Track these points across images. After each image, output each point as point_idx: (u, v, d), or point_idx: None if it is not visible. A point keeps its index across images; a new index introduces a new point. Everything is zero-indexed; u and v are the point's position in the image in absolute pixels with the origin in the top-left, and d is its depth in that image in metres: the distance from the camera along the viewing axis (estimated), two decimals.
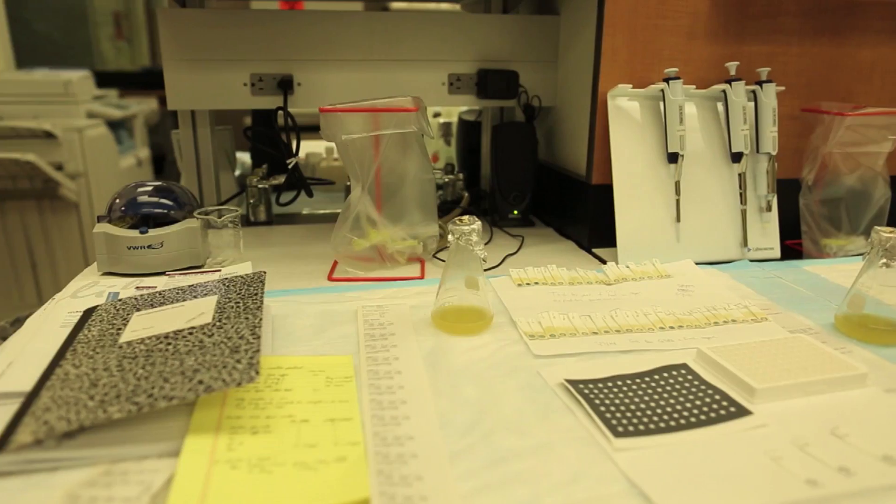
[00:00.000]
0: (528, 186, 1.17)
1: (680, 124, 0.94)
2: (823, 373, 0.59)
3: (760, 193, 0.99)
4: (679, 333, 0.70)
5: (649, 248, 0.94)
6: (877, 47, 1.09)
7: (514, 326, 0.72)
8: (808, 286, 0.87)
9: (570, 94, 1.14)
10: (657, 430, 0.52)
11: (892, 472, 0.47)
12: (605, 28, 0.97)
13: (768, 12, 1.03)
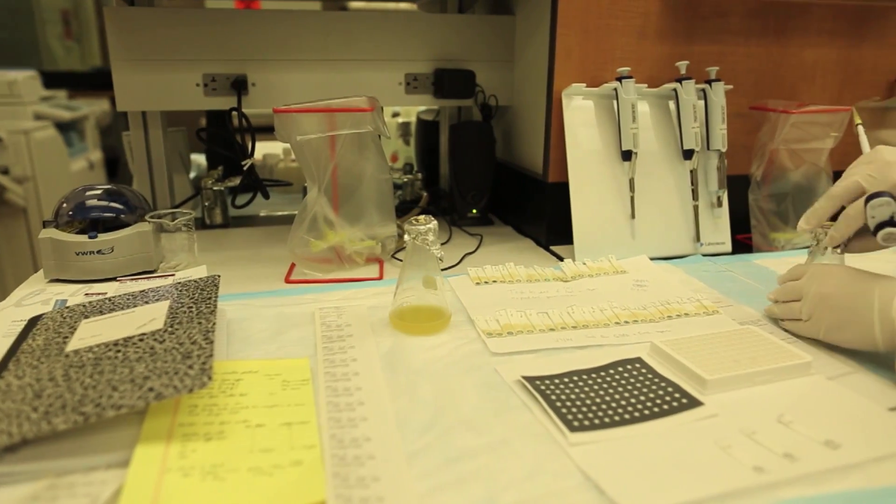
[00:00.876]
0: (486, 185, 1.18)
1: (633, 122, 0.95)
2: (770, 363, 0.61)
3: (711, 189, 1.02)
4: (634, 328, 0.72)
5: (605, 245, 0.96)
6: (818, 48, 1.12)
7: (473, 325, 0.72)
8: (757, 279, 0.90)
9: (526, 93, 1.15)
10: (612, 423, 0.53)
11: (833, 456, 0.49)
12: (558, 28, 0.98)
13: (716, 13, 1.05)
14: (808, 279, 0.68)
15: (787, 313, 0.70)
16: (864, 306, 0.61)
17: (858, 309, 0.61)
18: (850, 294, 0.63)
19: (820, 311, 0.65)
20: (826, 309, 0.65)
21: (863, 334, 0.61)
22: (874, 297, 0.60)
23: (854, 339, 0.63)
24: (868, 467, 0.48)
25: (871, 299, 0.60)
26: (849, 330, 0.63)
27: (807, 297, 0.66)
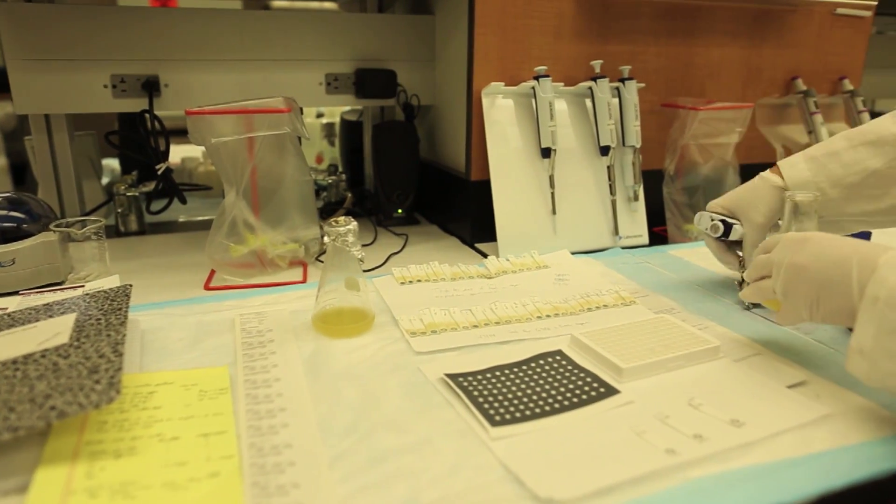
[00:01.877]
0: (410, 185, 1.18)
1: (551, 120, 0.98)
2: (682, 349, 0.63)
3: (628, 184, 1.05)
4: (555, 321, 0.73)
5: (528, 241, 0.97)
6: (723, 47, 1.18)
7: (397, 325, 0.72)
8: (672, 269, 0.93)
9: (447, 92, 1.15)
10: (532, 416, 0.54)
11: (738, 434, 0.51)
12: (476, 28, 0.99)
13: (627, 14, 1.09)
14: (779, 249, 0.60)
15: (759, 295, 0.63)
16: (842, 277, 0.53)
17: (836, 281, 0.54)
18: (827, 265, 0.55)
19: (794, 285, 0.57)
20: (801, 282, 0.57)
21: (841, 308, 0.54)
22: (853, 266, 0.53)
23: (833, 314, 0.55)
24: (768, 442, 0.51)
25: (850, 269, 0.53)
26: (827, 304, 0.55)
27: (779, 269, 0.59)
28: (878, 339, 0.49)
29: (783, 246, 0.60)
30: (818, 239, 0.57)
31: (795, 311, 0.58)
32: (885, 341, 0.48)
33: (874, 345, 0.49)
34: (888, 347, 0.48)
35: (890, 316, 0.48)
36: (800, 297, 0.57)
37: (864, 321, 0.50)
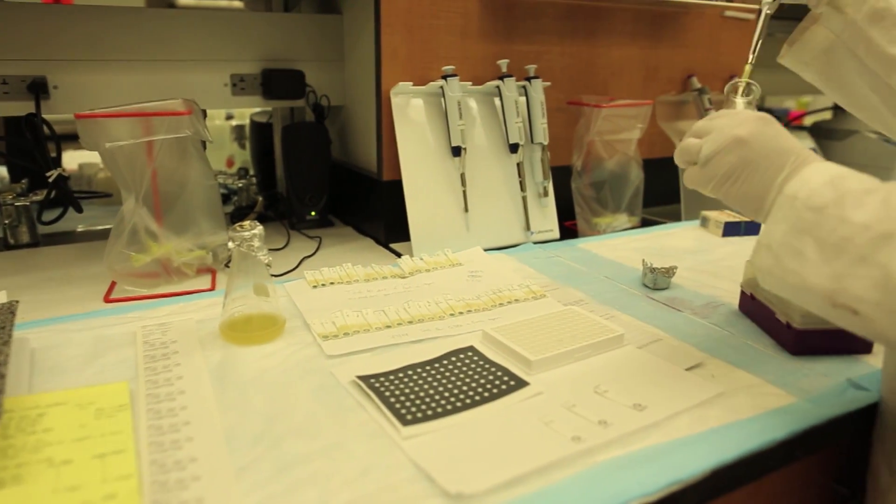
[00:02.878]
0: (323, 186, 1.16)
1: (460, 119, 0.99)
2: (588, 339, 0.66)
3: (537, 180, 1.08)
4: (468, 318, 0.74)
5: (441, 239, 0.98)
6: (623, 47, 1.23)
7: (308, 329, 0.71)
8: (581, 262, 0.96)
9: (356, 92, 1.15)
10: (444, 412, 0.54)
11: (640, 417, 0.54)
12: (382, 27, 0.99)
13: (531, 14, 1.11)
14: (727, 117, 0.56)
15: (681, 155, 0.59)
16: (775, 166, 0.52)
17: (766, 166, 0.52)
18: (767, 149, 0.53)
19: (725, 153, 0.54)
20: (732, 153, 0.53)
21: (756, 195, 0.53)
22: (789, 161, 0.52)
23: (743, 197, 0.54)
24: (667, 424, 0.53)
25: (786, 162, 0.52)
26: (746, 184, 0.53)
27: (718, 133, 0.55)
28: (788, 236, 0.49)
29: (733, 115, 0.56)
30: (770, 123, 0.54)
31: (709, 178, 0.55)
32: (793, 239, 0.48)
33: (782, 241, 0.49)
34: (795, 246, 0.48)
35: (805, 216, 0.48)
36: (722, 167, 0.54)
37: (777, 217, 0.50)
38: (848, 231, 0.45)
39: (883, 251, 0.43)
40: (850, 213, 0.45)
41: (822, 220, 0.47)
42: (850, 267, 0.45)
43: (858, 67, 0.69)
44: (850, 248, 0.45)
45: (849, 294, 0.45)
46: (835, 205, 0.46)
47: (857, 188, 0.47)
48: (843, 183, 0.47)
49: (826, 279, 0.46)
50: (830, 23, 0.68)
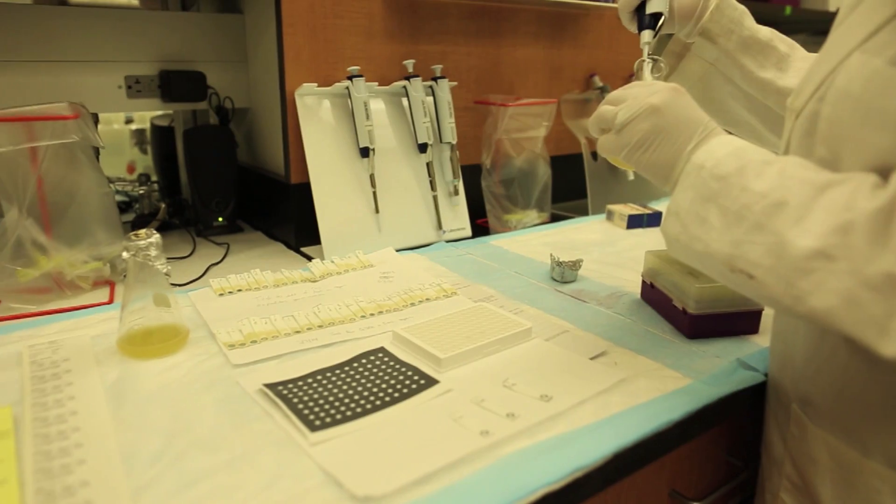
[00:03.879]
0: (230, 191, 1.13)
1: (367, 120, 0.98)
2: (497, 333, 0.67)
3: (448, 179, 1.09)
4: (379, 319, 0.74)
5: (353, 241, 0.97)
6: (527, 47, 1.26)
7: (214, 339, 0.69)
8: (493, 258, 0.98)
9: (261, 94, 1.12)
10: (353, 416, 0.54)
11: (546, 408, 0.55)
12: (284, 27, 0.97)
13: (436, 15, 1.12)
14: (639, 85, 0.57)
15: (596, 122, 0.59)
16: (685, 135, 0.53)
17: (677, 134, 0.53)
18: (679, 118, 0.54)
19: (639, 120, 0.54)
20: (646, 120, 0.54)
21: (666, 161, 0.54)
22: (698, 131, 0.53)
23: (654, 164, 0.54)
24: (571, 413, 0.55)
25: (695, 132, 0.53)
26: (658, 151, 0.54)
27: (633, 100, 0.55)
28: (694, 204, 0.50)
29: (648, 85, 0.57)
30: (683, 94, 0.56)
31: (622, 145, 0.56)
32: (699, 207, 0.50)
33: (689, 208, 0.51)
34: (700, 213, 0.50)
35: (710, 184, 0.49)
36: (636, 134, 0.54)
37: (685, 185, 0.51)
38: (747, 199, 0.47)
39: (776, 218, 0.45)
40: (751, 182, 0.47)
41: (725, 189, 0.48)
42: (748, 234, 0.46)
43: (734, 91, 0.75)
44: (748, 215, 0.46)
45: (745, 259, 0.46)
46: (737, 174, 0.48)
47: (757, 159, 0.49)
48: (745, 154, 0.49)
49: (726, 245, 0.48)
50: (704, 52, 0.73)
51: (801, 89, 0.54)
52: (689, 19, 0.72)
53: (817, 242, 0.42)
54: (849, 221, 0.41)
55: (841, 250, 0.41)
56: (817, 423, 0.55)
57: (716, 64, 0.74)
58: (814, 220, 0.43)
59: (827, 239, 0.42)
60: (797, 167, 0.47)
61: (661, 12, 0.70)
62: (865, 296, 0.40)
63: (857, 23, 0.48)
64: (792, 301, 0.44)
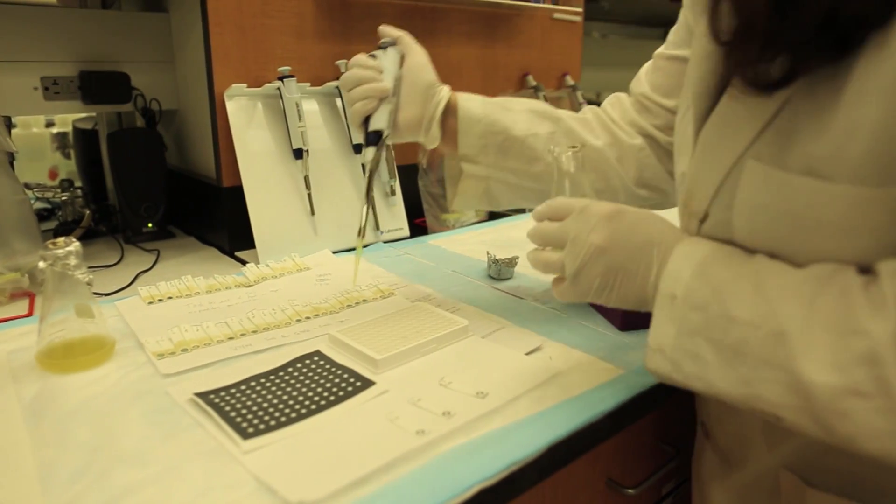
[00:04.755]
0: (160, 196, 1.09)
1: (300, 121, 0.97)
2: (434, 332, 0.67)
3: (384, 180, 1.09)
4: (315, 322, 0.73)
5: (288, 244, 0.96)
6: (461, 47, 1.27)
7: (142, 349, 0.66)
8: (430, 258, 0.98)
9: (190, 95, 1.09)
10: (288, 421, 0.53)
11: (482, 404, 0.56)
12: (211, 27, 0.95)
13: (369, 14, 1.12)
14: (577, 221, 0.52)
15: (542, 268, 0.55)
16: (643, 266, 0.50)
17: (634, 270, 0.50)
18: (629, 250, 0.51)
19: (590, 267, 0.51)
20: (598, 265, 0.51)
21: (635, 296, 0.51)
22: (654, 256, 0.50)
23: (623, 300, 0.52)
24: (507, 408, 0.56)
25: (651, 259, 0.50)
26: (622, 290, 0.51)
27: (575, 246, 0.52)
28: (680, 339, 0.47)
29: (583, 219, 0.52)
30: (621, 216, 0.52)
31: (583, 293, 0.53)
32: (686, 343, 0.46)
33: (676, 345, 0.47)
34: (690, 349, 0.46)
35: (691, 317, 0.46)
36: (593, 280, 0.51)
37: (662, 319, 0.48)
38: (739, 332, 0.43)
39: (781, 351, 0.41)
40: (734, 310, 0.44)
41: (709, 321, 0.45)
42: (756, 370, 0.42)
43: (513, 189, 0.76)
44: (747, 350, 0.43)
45: (765, 400, 0.42)
46: (716, 301, 0.45)
47: (726, 276, 0.45)
48: (712, 272, 0.46)
49: (735, 384, 0.44)
50: (474, 171, 0.75)
51: (694, 192, 0.52)
52: (417, 128, 0.73)
53: (841, 378, 0.38)
54: (870, 350, 0.37)
55: (874, 385, 0.37)
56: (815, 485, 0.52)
57: (489, 178, 0.75)
58: (823, 349, 0.39)
59: (852, 373, 0.38)
60: (768, 274, 0.44)
61: (381, 129, 0.71)
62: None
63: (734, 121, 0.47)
64: (841, 442, 0.39)
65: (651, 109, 0.75)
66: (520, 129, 0.73)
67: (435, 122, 0.72)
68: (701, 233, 0.52)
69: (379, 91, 0.70)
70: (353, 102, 0.71)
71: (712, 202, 0.50)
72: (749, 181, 0.46)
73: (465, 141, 0.73)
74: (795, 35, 0.40)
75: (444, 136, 0.74)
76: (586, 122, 0.76)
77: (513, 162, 0.73)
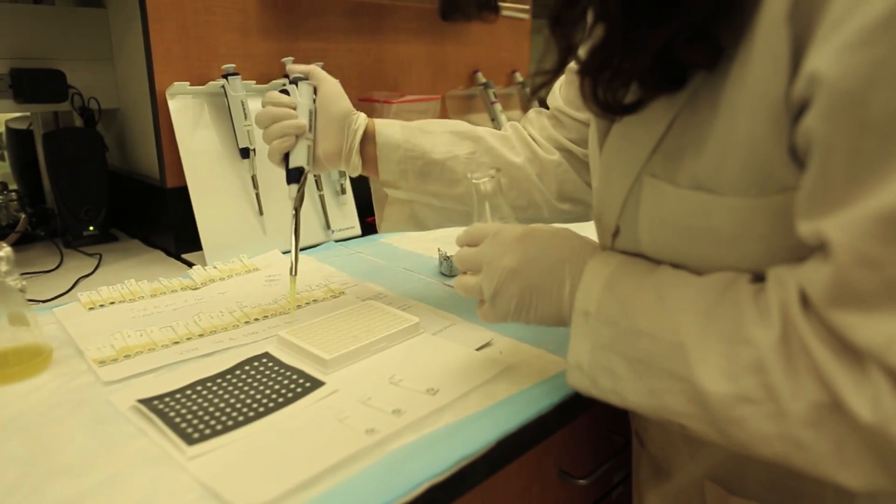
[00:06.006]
0: (101, 198, 1.05)
1: (246, 120, 0.95)
2: (385, 331, 0.67)
3: (334, 178, 1.08)
4: (264, 324, 0.72)
5: (236, 245, 0.94)
6: (409, 44, 1.26)
7: (82, 356, 0.64)
8: (382, 256, 0.98)
9: (130, 94, 1.06)
10: (235, 425, 0.52)
11: (432, 401, 0.56)
12: (151, 23, 0.92)
13: (315, 12, 1.10)
14: (489, 246, 0.54)
15: (464, 292, 0.57)
16: (555, 285, 0.51)
17: (547, 289, 0.52)
18: (541, 270, 0.52)
19: (505, 288, 0.52)
20: (512, 286, 0.52)
21: (553, 314, 0.52)
22: (566, 274, 0.51)
23: (543, 318, 0.53)
24: (457, 404, 0.56)
25: (563, 277, 0.51)
26: (539, 309, 0.53)
27: (489, 270, 0.53)
28: (594, 355, 0.48)
29: (496, 243, 0.54)
30: (532, 238, 0.53)
31: (503, 315, 0.54)
32: (600, 358, 0.48)
33: (591, 360, 0.48)
34: (604, 364, 0.47)
35: (602, 332, 0.47)
36: (510, 300, 0.53)
37: (578, 336, 0.49)
38: (644, 344, 0.44)
39: (680, 361, 0.42)
40: (640, 323, 0.45)
41: (619, 336, 0.46)
42: (661, 381, 0.44)
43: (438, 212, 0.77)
44: (652, 361, 0.44)
45: (670, 410, 0.44)
46: (623, 315, 0.46)
47: (632, 288, 0.47)
48: (619, 285, 0.48)
49: (645, 396, 0.45)
50: (398, 195, 0.76)
51: (603, 209, 0.54)
52: (337, 159, 0.73)
53: (733, 387, 0.40)
54: (756, 359, 0.39)
55: (761, 391, 0.38)
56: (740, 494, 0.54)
57: (413, 202, 0.76)
58: (716, 359, 0.41)
59: (742, 381, 0.39)
60: (670, 285, 0.45)
61: (301, 167, 0.72)
62: (806, 435, 0.37)
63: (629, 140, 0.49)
64: (740, 448, 0.41)
65: (565, 123, 0.76)
66: (439, 153, 0.73)
67: (354, 151, 0.72)
68: (615, 246, 0.53)
69: (295, 128, 0.70)
70: (270, 140, 0.71)
71: (620, 217, 0.51)
72: (648, 197, 0.48)
73: (384, 167, 0.73)
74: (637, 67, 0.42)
75: (364, 164, 0.74)
76: (506, 140, 0.76)
77: (434, 185, 0.74)
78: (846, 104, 0.34)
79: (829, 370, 0.36)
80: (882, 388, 0.34)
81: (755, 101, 0.39)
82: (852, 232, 0.35)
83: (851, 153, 0.34)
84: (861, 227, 0.34)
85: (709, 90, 0.42)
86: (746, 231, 0.42)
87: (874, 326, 0.35)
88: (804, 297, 0.38)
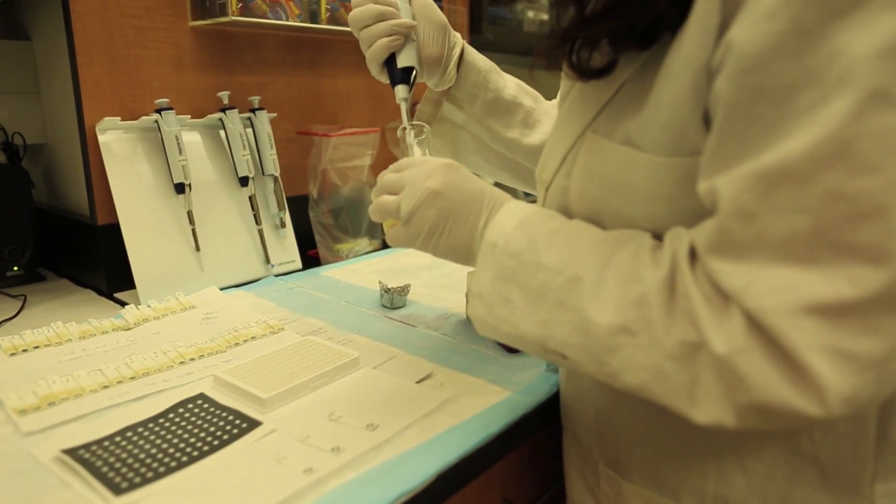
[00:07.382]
0: (26, 237, 1.01)
1: (180, 154, 0.93)
2: (324, 367, 0.66)
3: (273, 212, 1.07)
4: (199, 364, 0.70)
5: (172, 283, 0.92)
6: (349, 77, 1.28)
7: (2, 406, 0.61)
8: (323, 290, 0.97)
9: (59, 129, 1.02)
10: (167, 471, 0.50)
11: (372, 437, 0.55)
12: (79, 57, 0.90)
13: (251, 46, 1.10)
14: (413, 168, 0.55)
15: (379, 213, 0.56)
16: (473, 213, 0.52)
17: (465, 215, 0.52)
18: (462, 197, 0.53)
19: (425, 208, 0.53)
20: (431, 207, 0.53)
21: (463, 244, 0.53)
22: (484, 205, 0.53)
23: (452, 248, 0.54)
24: (397, 438, 0.56)
25: (481, 207, 0.53)
26: (452, 236, 0.53)
27: (411, 189, 0.53)
28: (495, 284, 0.49)
29: (422, 167, 0.54)
30: (458, 168, 0.54)
31: (414, 235, 0.54)
32: (500, 287, 0.49)
33: (491, 289, 0.49)
34: (503, 293, 0.49)
35: (507, 263, 0.48)
36: (425, 221, 0.53)
37: (483, 266, 0.50)
38: (544, 276, 0.46)
39: (574, 294, 0.44)
40: (543, 257, 0.47)
41: (521, 267, 0.48)
42: (552, 312, 0.46)
43: (484, 150, 0.79)
44: (548, 293, 0.46)
45: (555, 340, 0.46)
46: (529, 250, 0.48)
47: (544, 230, 0.49)
48: (533, 225, 0.49)
49: (534, 325, 0.47)
50: (453, 116, 0.77)
51: (546, 163, 0.56)
52: (437, 67, 0.72)
53: (617, 318, 0.42)
54: (642, 294, 0.42)
55: (640, 324, 0.41)
56: (629, 479, 0.56)
57: (465, 126, 0.77)
58: (609, 294, 0.43)
59: (626, 313, 0.42)
60: (580, 232, 0.48)
61: (412, 66, 0.68)
62: (669, 367, 0.40)
63: (583, 100, 0.52)
64: (607, 378, 0.44)
65: None
66: (509, 94, 0.76)
67: (453, 62, 0.72)
68: (546, 199, 0.56)
69: (405, 27, 0.67)
70: (373, 39, 0.66)
71: (558, 171, 0.54)
72: (585, 150, 0.50)
73: (460, 83, 0.74)
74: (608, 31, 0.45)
75: None
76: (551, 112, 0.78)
77: (493, 120, 0.75)
78: (747, 68, 0.37)
79: (700, 313, 0.39)
80: (737, 325, 0.38)
81: (683, 66, 0.41)
82: (735, 185, 0.38)
83: (746, 116, 0.38)
84: (743, 182, 0.37)
85: (658, 55, 0.44)
86: (657, 189, 0.45)
87: (738, 273, 0.38)
88: (693, 248, 0.42)
